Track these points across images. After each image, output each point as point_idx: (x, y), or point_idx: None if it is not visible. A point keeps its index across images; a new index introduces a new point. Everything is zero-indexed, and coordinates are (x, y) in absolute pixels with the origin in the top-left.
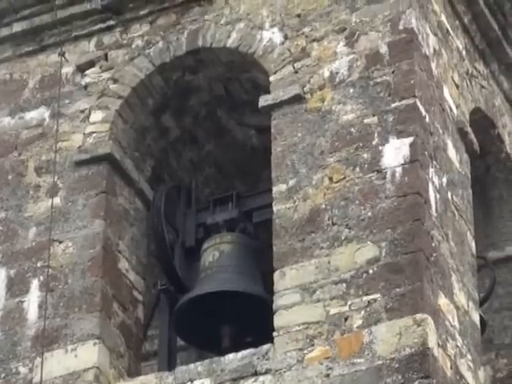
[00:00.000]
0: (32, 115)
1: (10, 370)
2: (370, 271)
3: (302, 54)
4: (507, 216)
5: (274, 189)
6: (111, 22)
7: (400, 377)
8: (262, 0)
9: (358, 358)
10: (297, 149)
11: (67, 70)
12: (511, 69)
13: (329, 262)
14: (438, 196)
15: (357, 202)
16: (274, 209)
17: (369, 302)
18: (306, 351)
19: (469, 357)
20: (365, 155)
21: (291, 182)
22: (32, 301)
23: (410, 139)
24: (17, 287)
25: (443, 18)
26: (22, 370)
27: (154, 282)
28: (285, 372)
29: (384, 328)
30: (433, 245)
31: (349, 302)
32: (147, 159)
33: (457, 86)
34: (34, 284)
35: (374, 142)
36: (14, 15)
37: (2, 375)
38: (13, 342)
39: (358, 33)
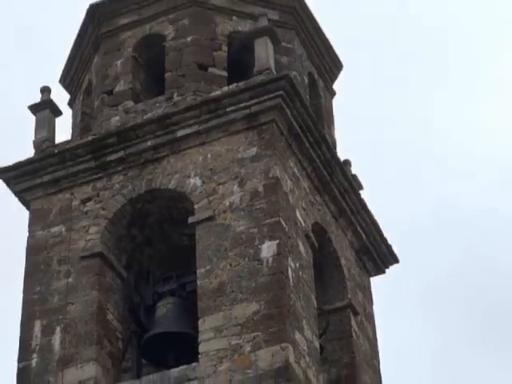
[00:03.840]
0: (55, 229)
1: (44, 380)
2: (255, 318)
3: (213, 192)
4: (335, 285)
5: (198, 271)
6: (100, 175)
7: (272, 380)
8: (189, 160)
9: (248, 370)
10: (210, 248)
11: (75, 202)
12: (336, 200)
13: (230, 314)
14: (293, 274)
15: (246, 278)
16: (198, 283)
17: (254, 337)
18: (217, 366)
19: (313, 368)
20: (251, 251)
21: (208, 267)
22: (56, 339)
23: (277, 241)
24: (47, 331)
25: (295, 170)
26: (51, 380)
27: (128, 327)
28: (205, 379)
29: (263, 352)
30: (291, 303)
31: (242, 337)
32: (123, 254)
33: (304, 209)
34: (58, 329)
35: (255, 243)
36: (43, 171)
37: None
38: (45, 363)
39: (245, 179)
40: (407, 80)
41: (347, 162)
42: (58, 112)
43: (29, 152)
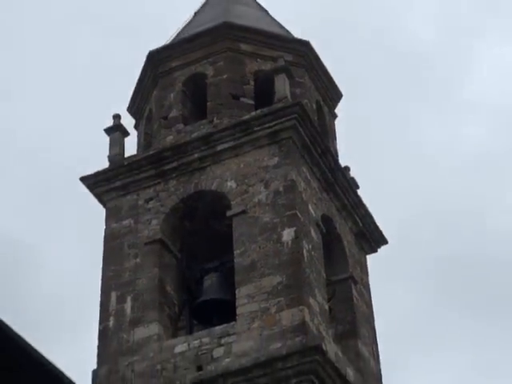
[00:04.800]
0: (125, 222)
1: (119, 337)
2: (279, 287)
3: (245, 192)
4: (339, 261)
5: (235, 252)
6: (159, 180)
7: (292, 334)
8: (227, 168)
9: (274, 327)
10: (244, 234)
11: (140, 202)
12: (339, 197)
13: (260, 284)
14: (307, 253)
15: (271, 257)
16: (235, 261)
17: (278, 301)
18: (251, 324)
19: (324, 325)
20: (274, 236)
21: (242, 249)
22: (127, 306)
23: (294, 228)
24: (121, 299)
25: (307, 174)
26: (125, 336)
27: (182, 295)
28: (242, 334)
29: (285, 313)
30: (306, 275)
31: (269, 302)
32: (177, 240)
33: (314, 204)
34: (129, 298)
35: (278, 230)
36: (115, 178)
37: (116, 341)
38: (119, 324)
39: (269, 182)
40: (394, 103)
41: (347, 168)
42: (126, 133)
43: (104, 164)
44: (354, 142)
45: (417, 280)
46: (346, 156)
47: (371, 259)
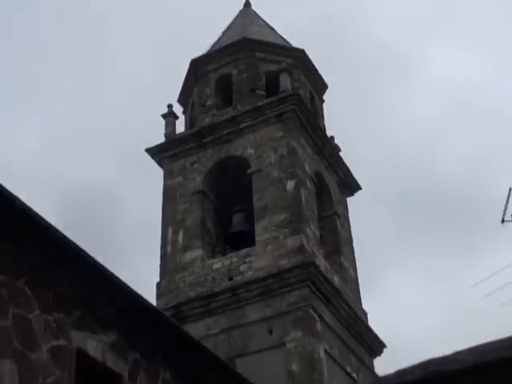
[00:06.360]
0: (177, 179)
1: (174, 258)
2: (284, 222)
3: (260, 156)
4: (327, 202)
5: (254, 198)
6: (200, 149)
7: (294, 254)
8: (247, 140)
9: (282, 249)
10: (260, 186)
11: (187, 165)
12: (327, 158)
13: (272, 220)
14: (304, 198)
15: (279, 201)
16: (254, 204)
17: (284, 232)
18: (265, 247)
19: (316, 246)
20: (281, 186)
21: (259, 196)
22: (180, 237)
23: (295, 180)
24: (175, 232)
25: (303, 142)
26: (177, 258)
27: (218, 229)
28: (259, 254)
29: (290, 239)
30: (303, 213)
31: (278, 232)
32: (214, 191)
33: (309, 164)
34: (181, 231)
35: (283, 182)
36: (170, 149)
37: (172, 261)
38: (174, 250)
39: (277, 149)
40: (369, 87)
41: (332, 137)
42: (176, 117)
43: (162, 139)
44: (336, 119)
45: (386, 212)
46: (331, 129)
47: (351, 200)
